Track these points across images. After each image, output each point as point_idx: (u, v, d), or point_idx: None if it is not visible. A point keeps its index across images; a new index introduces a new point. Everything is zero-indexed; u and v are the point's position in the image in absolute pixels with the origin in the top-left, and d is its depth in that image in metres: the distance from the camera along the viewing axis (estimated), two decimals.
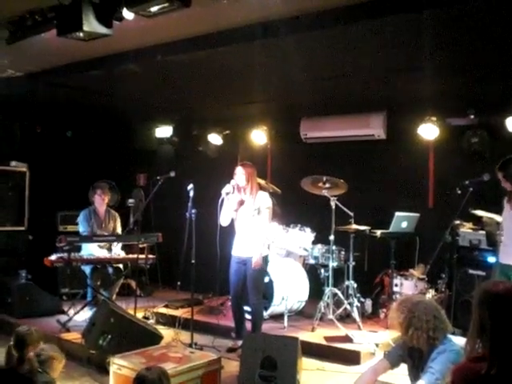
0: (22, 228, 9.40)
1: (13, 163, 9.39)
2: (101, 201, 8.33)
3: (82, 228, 8.24)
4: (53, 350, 4.33)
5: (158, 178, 7.54)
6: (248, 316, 6.92)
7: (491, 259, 6.65)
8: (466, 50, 5.58)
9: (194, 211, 6.69)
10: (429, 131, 7.77)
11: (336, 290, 7.47)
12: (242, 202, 6.67)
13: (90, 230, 8.16)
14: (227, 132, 9.85)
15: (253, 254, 6.52)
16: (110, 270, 8.10)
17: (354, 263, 7.71)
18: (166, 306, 8.35)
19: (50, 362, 4.23)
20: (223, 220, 6.64)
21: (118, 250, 8.06)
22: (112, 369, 5.14)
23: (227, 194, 6.58)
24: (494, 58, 5.80)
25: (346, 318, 7.56)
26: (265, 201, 6.65)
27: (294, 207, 8.70)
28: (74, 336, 6.76)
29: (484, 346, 2.70)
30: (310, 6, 4.84)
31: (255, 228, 6.58)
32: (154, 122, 10.44)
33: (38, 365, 4.12)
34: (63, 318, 7.60)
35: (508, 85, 6.73)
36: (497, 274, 5.85)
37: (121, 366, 5.06)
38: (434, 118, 7.67)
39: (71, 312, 7.68)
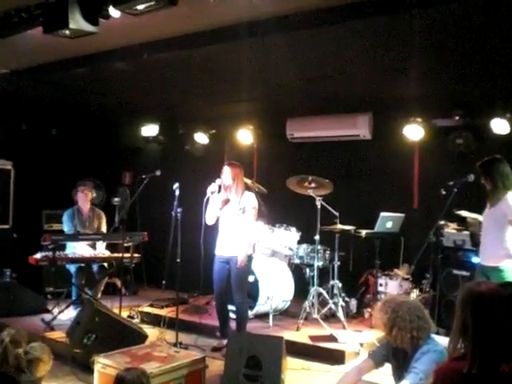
0: (7, 226, 9.34)
1: None
2: (84, 198, 8.26)
3: (66, 228, 8.20)
4: (42, 351, 4.31)
5: (144, 176, 7.52)
6: (233, 315, 6.92)
7: (475, 259, 6.68)
8: (451, 51, 5.62)
9: (179, 210, 6.67)
10: (414, 132, 7.81)
11: (321, 290, 7.48)
12: (227, 201, 6.67)
13: (73, 229, 8.11)
14: (213, 131, 9.85)
15: (236, 253, 6.53)
16: (95, 268, 8.07)
17: (339, 263, 7.74)
18: (151, 305, 8.33)
19: (37, 362, 4.21)
20: (208, 219, 6.65)
21: (102, 249, 8.03)
22: (96, 368, 5.12)
23: (212, 192, 6.58)
24: (479, 59, 5.84)
25: (330, 317, 7.58)
26: (250, 201, 6.65)
27: (279, 207, 8.71)
28: (59, 335, 6.73)
29: (466, 346, 2.73)
30: (298, 6, 4.84)
31: (239, 227, 6.58)
32: (140, 121, 10.42)
33: (25, 363, 4.10)
34: (48, 316, 7.56)
35: (493, 86, 6.79)
36: (478, 274, 5.89)
37: (105, 365, 5.04)
38: (419, 119, 7.71)
39: (56, 311, 7.64)
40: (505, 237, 5.68)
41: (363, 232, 7.60)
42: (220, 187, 6.66)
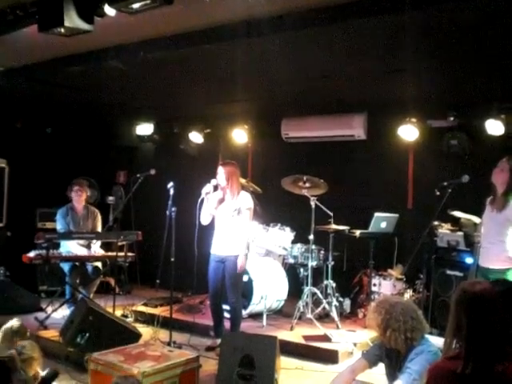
0: (1, 224, 9.30)
1: None
2: (78, 198, 8.20)
3: (59, 226, 8.14)
4: (33, 350, 4.33)
5: (138, 175, 7.51)
6: (227, 315, 6.92)
7: (469, 260, 6.70)
8: (446, 52, 5.62)
9: (173, 209, 6.66)
10: (409, 132, 7.83)
11: (315, 290, 7.50)
12: (222, 200, 6.67)
13: (66, 228, 8.09)
14: (208, 130, 9.84)
15: (231, 253, 6.54)
16: (89, 267, 8.04)
17: (333, 263, 7.75)
18: (145, 304, 8.33)
19: (30, 361, 4.22)
20: (203, 219, 6.64)
21: (96, 248, 8.01)
22: (90, 367, 5.12)
23: (207, 193, 6.57)
24: (474, 60, 5.85)
25: (324, 317, 7.60)
26: (246, 201, 6.65)
27: (274, 206, 8.72)
28: (52, 334, 6.73)
29: (460, 345, 2.74)
30: (294, 6, 4.84)
31: (234, 227, 6.58)
32: (134, 120, 10.40)
33: (20, 364, 4.12)
34: (41, 315, 7.56)
35: (488, 87, 6.80)
36: (475, 276, 5.89)
37: (99, 364, 5.04)
38: (414, 120, 7.73)
39: (49, 309, 7.65)
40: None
41: (357, 232, 7.61)
42: (215, 187, 6.65)
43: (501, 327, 2.72)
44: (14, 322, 4.85)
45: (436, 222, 7.13)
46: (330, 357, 6.49)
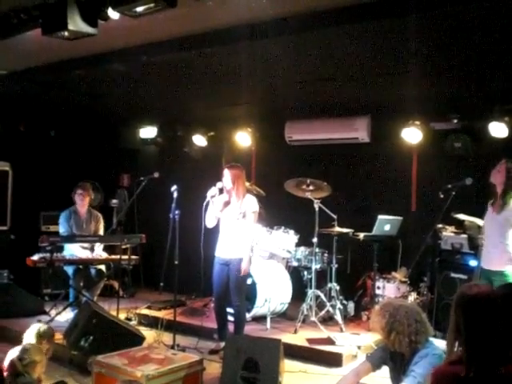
0: (5, 227, 9.30)
1: None
2: (81, 201, 8.19)
3: (62, 229, 8.15)
4: (35, 353, 4.34)
5: (142, 178, 7.52)
6: (231, 318, 6.92)
7: (473, 263, 6.68)
8: (450, 54, 5.62)
9: (177, 212, 6.67)
10: (412, 135, 7.82)
11: (319, 292, 7.48)
12: (227, 203, 6.66)
13: (69, 231, 8.09)
14: (212, 133, 9.84)
15: (236, 256, 6.53)
16: (93, 270, 8.04)
17: (336, 265, 7.73)
18: (149, 307, 8.32)
19: (33, 365, 4.24)
20: (209, 222, 6.63)
21: (99, 251, 8.00)
22: (94, 370, 5.12)
23: (212, 196, 6.57)
24: (477, 62, 5.84)
25: (328, 320, 7.58)
26: (251, 205, 6.64)
27: (277, 209, 8.70)
28: (56, 337, 6.64)
29: (462, 349, 2.73)
30: (297, 9, 4.84)
31: (239, 230, 6.57)
32: (138, 123, 10.41)
33: (21, 368, 4.13)
34: (45, 318, 7.55)
35: (491, 89, 6.79)
36: (479, 278, 5.88)
37: (102, 367, 5.04)
38: (417, 122, 7.72)
39: (53, 312, 7.65)
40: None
41: (361, 235, 7.60)
42: (221, 190, 6.65)
43: (502, 330, 2.71)
44: (40, 325, 4.91)
45: (440, 225, 7.12)
46: (333, 360, 6.47)
